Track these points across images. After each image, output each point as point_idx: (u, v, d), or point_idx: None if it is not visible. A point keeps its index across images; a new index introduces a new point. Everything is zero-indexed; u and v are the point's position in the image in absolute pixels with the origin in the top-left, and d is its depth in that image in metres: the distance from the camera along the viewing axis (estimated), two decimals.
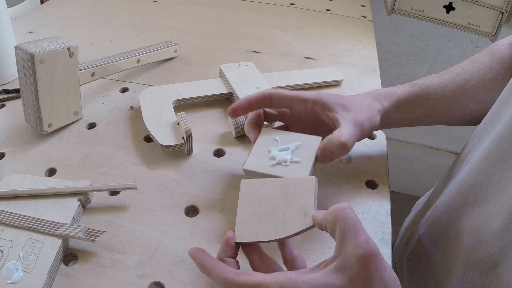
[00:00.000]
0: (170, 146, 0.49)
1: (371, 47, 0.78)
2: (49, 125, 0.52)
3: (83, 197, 0.43)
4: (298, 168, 0.40)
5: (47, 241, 0.38)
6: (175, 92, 0.58)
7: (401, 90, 0.47)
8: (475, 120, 0.47)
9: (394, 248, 0.56)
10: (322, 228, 0.32)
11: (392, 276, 0.29)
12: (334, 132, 0.40)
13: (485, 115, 0.44)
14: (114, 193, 0.46)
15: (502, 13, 0.78)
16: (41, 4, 0.89)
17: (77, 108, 0.55)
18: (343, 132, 0.40)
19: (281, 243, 0.35)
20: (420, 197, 0.60)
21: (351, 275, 0.28)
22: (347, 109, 0.43)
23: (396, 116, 0.46)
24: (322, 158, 0.41)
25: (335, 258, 0.29)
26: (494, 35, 0.82)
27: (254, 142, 0.44)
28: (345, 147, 0.39)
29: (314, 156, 0.41)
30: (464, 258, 0.37)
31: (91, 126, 0.55)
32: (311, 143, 0.42)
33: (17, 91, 0.60)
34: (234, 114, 0.46)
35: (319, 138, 0.43)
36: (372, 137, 0.55)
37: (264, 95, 0.44)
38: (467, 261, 0.37)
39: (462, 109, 0.47)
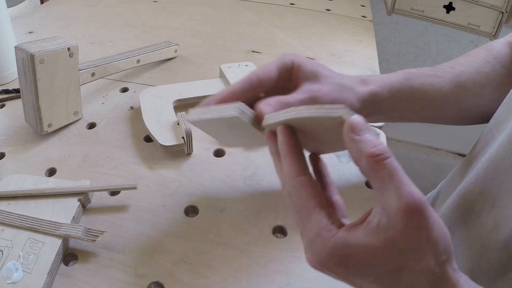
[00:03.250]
0: (170, 146, 0.49)
1: (371, 47, 0.78)
2: (49, 125, 0.52)
3: (83, 197, 0.43)
4: None
5: (47, 241, 0.38)
6: (175, 92, 0.58)
7: (395, 76, 0.43)
8: (472, 117, 0.45)
9: None
10: (356, 165, 0.27)
11: (441, 232, 0.25)
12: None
13: (481, 112, 0.42)
14: (114, 193, 0.46)
15: (502, 13, 0.78)
16: (41, 4, 0.89)
17: (77, 108, 0.55)
18: (284, 96, 0.35)
19: (323, 184, 0.33)
20: None
21: (394, 234, 0.24)
22: (315, 79, 0.38)
23: (388, 104, 0.42)
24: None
25: (377, 213, 0.26)
26: (494, 35, 0.82)
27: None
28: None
29: None
30: (470, 266, 0.36)
31: (91, 126, 0.55)
32: None
33: (17, 91, 0.60)
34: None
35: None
36: None
37: (251, 82, 0.37)
38: (473, 269, 0.36)
39: (459, 103, 0.44)
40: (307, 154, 0.32)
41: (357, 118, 0.27)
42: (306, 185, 0.28)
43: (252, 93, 0.37)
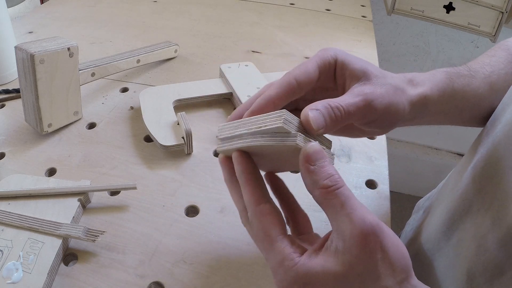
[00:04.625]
0: (170, 146, 0.49)
1: (371, 47, 0.78)
2: (49, 125, 0.52)
3: (83, 197, 0.43)
4: None
5: (47, 241, 0.38)
6: (175, 92, 0.58)
7: (438, 77, 0.40)
8: None
9: None
10: (313, 196, 0.27)
11: (398, 252, 0.26)
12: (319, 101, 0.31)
13: None
14: (114, 193, 0.46)
15: (502, 13, 0.78)
16: (41, 4, 0.89)
17: (77, 108, 0.55)
18: (333, 100, 0.31)
19: (284, 201, 0.33)
20: (420, 197, 0.60)
21: (350, 259, 0.25)
22: (366, 79, 0.34)
23: (436, 107, 0.39)
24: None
25: (334, 239, 0.26)
26: (494, 35, 0.82)
27: None
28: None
29: None
30: (467, 266, 0.36)
31: (91, 126, 0.55)
32: None
33: (17, 91, 0.60)
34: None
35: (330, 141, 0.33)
36: (372, 137, 0.55)
37: (289, 86, 0.33)
38: (471, 269, 0.36)
39: (491, 104, 0.41)
40: (263, 173, 0.32)
41: (312, 147, 0.27)
42: (268, 213, 0.29)
43: (290, 99, 0.34)
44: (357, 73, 0.35)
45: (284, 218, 0.31)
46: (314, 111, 0.29)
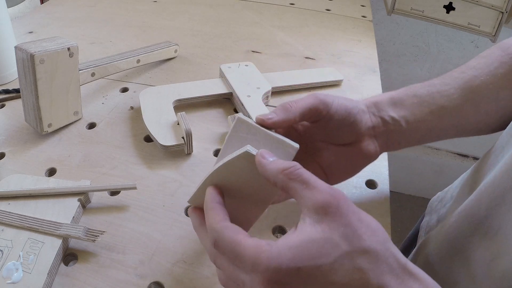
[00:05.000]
0: (170, 146, 0.49)
1: (371, 47, 0.78)
2: (49, 125, 0.52)
3: (83, 197, 0.43)
4: None
5: (47, 241, 0.38)
6: (175, 92, 0.58)
7: (395, 91, 0.43)
8: (495, 123, 0.42)
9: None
10: (276, 185, 0.29)
11: (369, 217, 0.27)
12: None
13: (503, 116, 0.39)
14: (114, 193, 0.46)
15: (502, 13, 0.78)
16: (41, 4, 0.89)
17: (77, 108, 0.55)
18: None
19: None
20: (420, 197, 0.59)
21: (329, 224, 0.26)
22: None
23: (396, 111, 0.41)
24: None
25: (304, 217, 0.27)
26: (494, 35, 0.82)
27: None
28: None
29: None
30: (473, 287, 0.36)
31: (91, 126, 0.55)
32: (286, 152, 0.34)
33: (17, 91, 0.60)
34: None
35: (296, 147, 0.34)
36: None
37: (312, 110, 0.37)
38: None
39: (476, 108, 0.41)
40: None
41: (262, 150, 0.31)
42: (230, 226, 0.29)
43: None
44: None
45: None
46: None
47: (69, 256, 0.39)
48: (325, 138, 0.41)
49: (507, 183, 0.33)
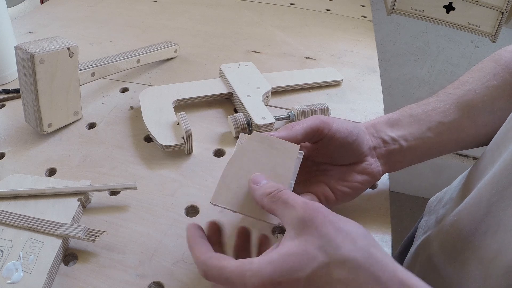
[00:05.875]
0: (170, 146, 0.49)
1: (371, 47, 0.78)
2: (49, 125, 0.52)
3: (83, 197, 0.43)
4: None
5: (47, 241, 0.38)
6: (175, 92, 0.58)
7: (391, 113, 0.45)
8: (493, 135, 0.42)
9: (404, 262, 0.53)
10: (263, 207, 0.32)
11: (350, 223, 0.29)
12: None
13: (499, 127, 0.40)
14: (114, 193, 0.46)
15: (502, 13, 0.78)
16: (41, 4, 0.89)
17: (77, 108, 0.55)
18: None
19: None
20: (420, 197, 0.59)
21: (305, 237, 0.27)
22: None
23: (393, 131, 0.43)
24: None
25: (286, 233, 0.29)
26: (494, 35, 0.82)
27: None
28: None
29: (293, 166, 0.38)
30: (476, 286, 0.36)
31: (91, 126, 0.55)
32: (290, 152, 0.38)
33: (17, 91, 0.60)
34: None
35: (297, 146, 0.39)
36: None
37: (314, 129, 0.39)
38: None
39: (473, 121, 0.42)
40: None
41: (255, 175, 0.35)
42: (214, 255, 0.30)
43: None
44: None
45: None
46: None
47: (69, 256, 0.39)
48: (328, 159, 0.42)
49: (506, 180, 0.34)
